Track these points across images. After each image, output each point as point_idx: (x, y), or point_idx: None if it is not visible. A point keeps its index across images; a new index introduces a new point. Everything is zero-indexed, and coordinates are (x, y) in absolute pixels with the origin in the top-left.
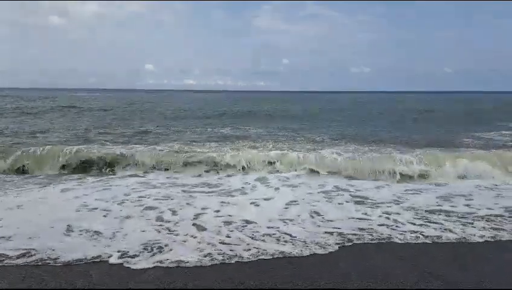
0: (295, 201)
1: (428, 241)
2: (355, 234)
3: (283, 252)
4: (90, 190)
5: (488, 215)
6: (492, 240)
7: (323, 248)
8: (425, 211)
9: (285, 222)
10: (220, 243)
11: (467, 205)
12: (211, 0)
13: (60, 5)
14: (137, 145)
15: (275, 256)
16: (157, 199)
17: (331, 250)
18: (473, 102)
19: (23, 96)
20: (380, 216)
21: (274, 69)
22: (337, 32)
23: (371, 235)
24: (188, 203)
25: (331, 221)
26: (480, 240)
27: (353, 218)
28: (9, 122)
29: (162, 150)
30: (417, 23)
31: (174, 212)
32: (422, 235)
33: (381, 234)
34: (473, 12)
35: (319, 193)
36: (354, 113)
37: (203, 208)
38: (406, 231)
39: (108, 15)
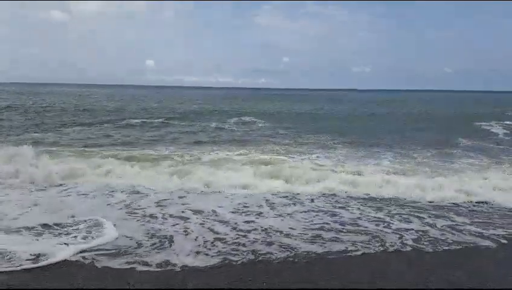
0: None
1: None
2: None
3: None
4: None
5: None
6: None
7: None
8: None
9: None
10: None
11: None
12: (211, 0)
13: (60, 4)
14: None
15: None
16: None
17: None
18: (473, 101)
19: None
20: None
21: (274, 67)
22: (337, 31)
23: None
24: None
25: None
26: None
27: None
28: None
29: None
30: (417, 23)
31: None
32: None
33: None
34: (472, 12)
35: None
36: (356, 113)
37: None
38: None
39: (108, 13)
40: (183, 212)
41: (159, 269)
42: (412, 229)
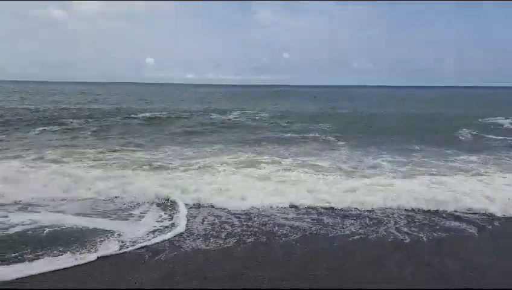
0: None
1: None
2: None
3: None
4: None
5: None
6: None
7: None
8: None
9: None
10: None
11: None
12: (211, 0)
13: (60, 3)
14: None
15: None
16: None
17: None
18: (474, 99)
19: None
20: None
21: (274, 64)
22: (338, 28)
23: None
24: None
25: None
26: None
27: None
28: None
29: None
30: (418, 19)
31: None
32: None
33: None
34: (474, 9)
35: None
36: (355, 112)
37: None
38: None
39: (108, 11)
40: None
41: None
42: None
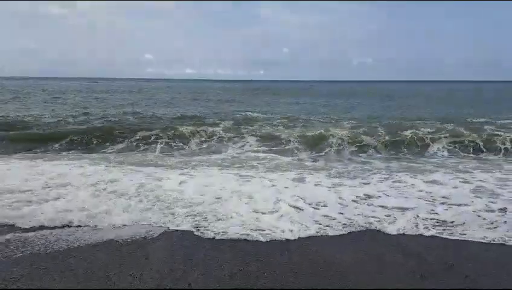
0: None
1: None
2: None
3: None
4: None
5: None
6: None
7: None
8: None
9: None
10: None
11: None
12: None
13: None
14: None
15: None
16: None
17: None
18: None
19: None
20: None
21: (274, 59)
22: (338, 23)
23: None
24: None
25: None
26: None
27: None
28: None
29: None
30: (418, 14)
31: None
32: None
33: None
34: (475, 4)
35: None
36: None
37: None
38: None
39: (107, 11)
40: None
41: None
42: None
